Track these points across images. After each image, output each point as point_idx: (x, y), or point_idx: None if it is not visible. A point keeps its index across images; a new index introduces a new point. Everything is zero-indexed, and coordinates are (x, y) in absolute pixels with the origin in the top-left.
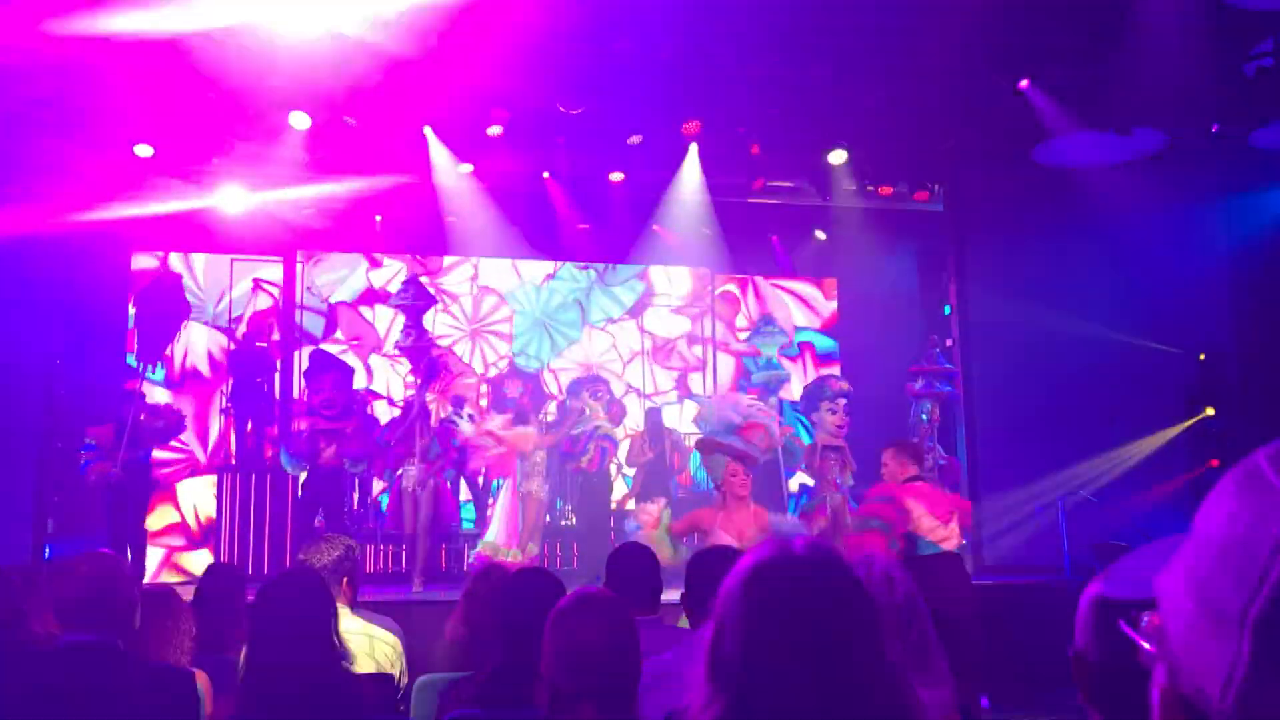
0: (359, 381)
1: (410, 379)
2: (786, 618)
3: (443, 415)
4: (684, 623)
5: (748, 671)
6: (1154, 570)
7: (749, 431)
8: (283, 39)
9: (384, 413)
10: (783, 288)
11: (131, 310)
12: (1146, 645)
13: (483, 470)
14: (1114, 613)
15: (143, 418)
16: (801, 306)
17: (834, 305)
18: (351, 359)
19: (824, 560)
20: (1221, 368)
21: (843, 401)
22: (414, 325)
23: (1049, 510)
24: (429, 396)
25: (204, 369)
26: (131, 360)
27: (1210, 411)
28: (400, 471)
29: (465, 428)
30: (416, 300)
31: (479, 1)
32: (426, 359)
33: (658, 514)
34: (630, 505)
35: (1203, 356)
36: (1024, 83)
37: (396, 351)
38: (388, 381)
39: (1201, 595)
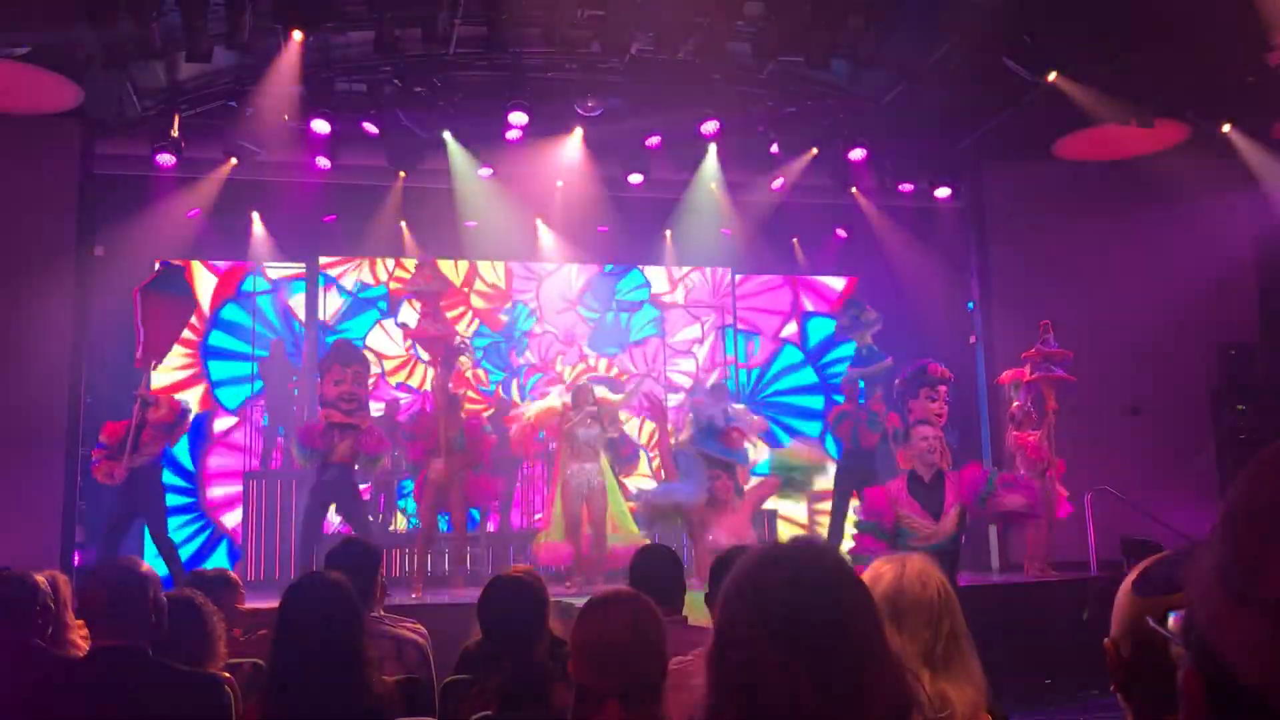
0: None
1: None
2: (782, 614)
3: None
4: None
5: (750, 673)
6: (1180, 566)
7: (731, 436)
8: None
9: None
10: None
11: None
12: (1174, 638)
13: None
14: (1144, 609)
15: (147, 418)
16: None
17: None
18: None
19: (815, 554)
20: (1248, 359)
21: (944, 388)
22: (431, 312)
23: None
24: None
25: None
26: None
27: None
28: (426, 466)
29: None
30: (433, 285)
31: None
32: (446, 346)
33: None
34: None
35: (1233, 352)
36: (1052, 75)
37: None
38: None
39: (1225, 578)
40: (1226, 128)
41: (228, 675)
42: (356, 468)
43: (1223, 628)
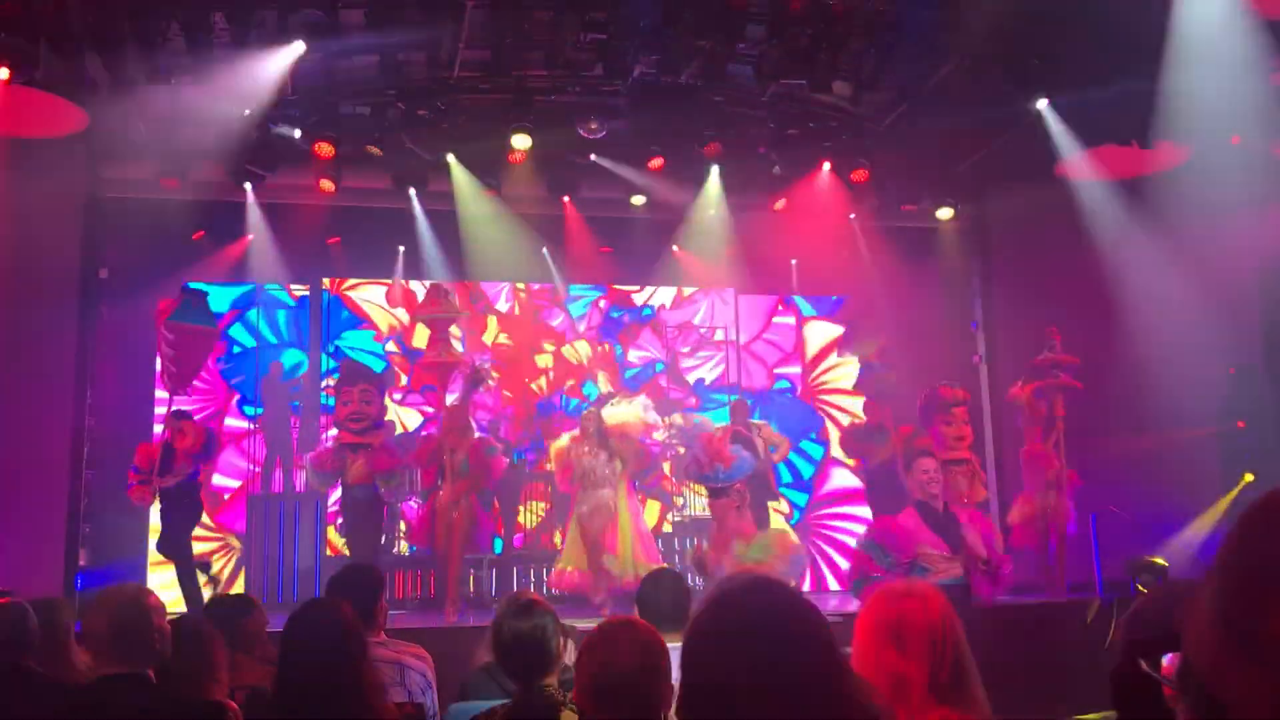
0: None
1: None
2: (742, 646)
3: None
4: None
5: (718, 702)
6: (1174, 608)
7: (710, 455)
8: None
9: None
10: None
11: (158, 336)
12: (1167, 682)
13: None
14: (1137, 651)
15: (175, 443)
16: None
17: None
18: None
19: (768, 589)
20: (1252, 381)
21: (959, 410)
22: (440, 339)
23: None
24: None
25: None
26: (160, 391)
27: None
28: (434, 490)
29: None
30: (443, 312)
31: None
32: (466, 370)
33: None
34: None
35: (1233, 370)
36: (1043, 102)
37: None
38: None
39: (1226, 622)
40: (1240, 139)
41: (231, 702)
42: (379, 487)
43: (1223, 675)
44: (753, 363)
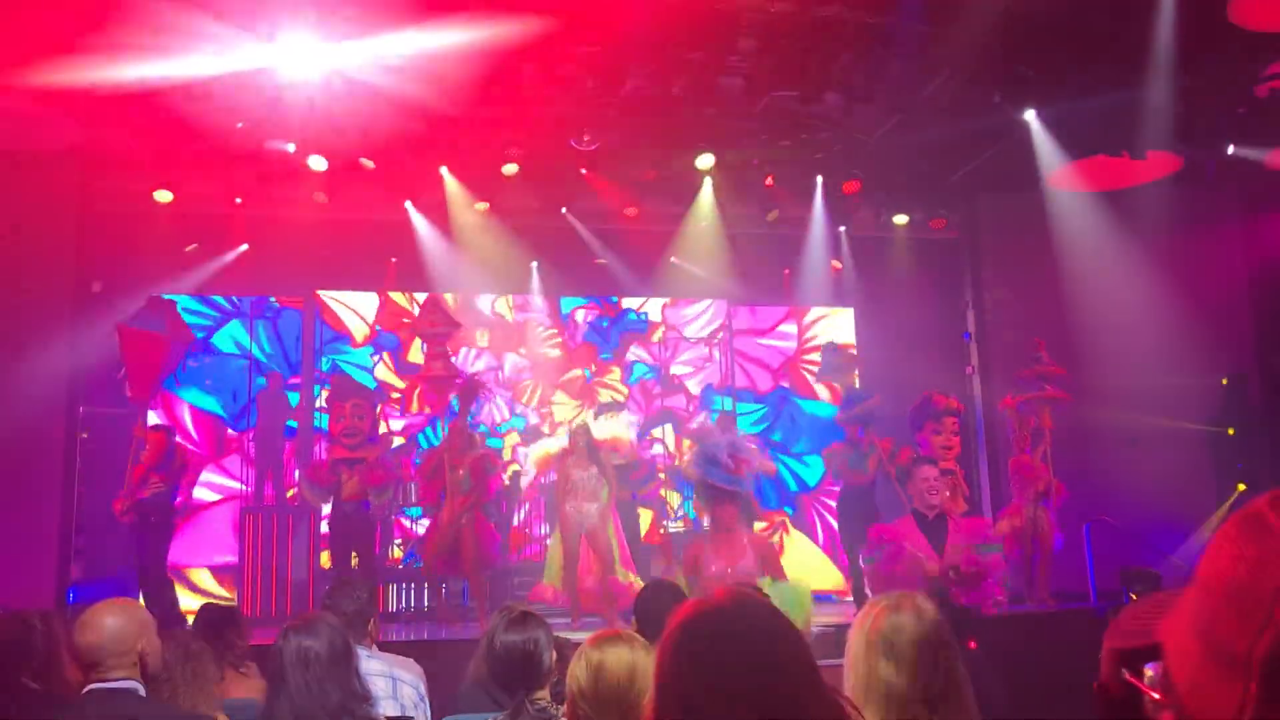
0: None
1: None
2: (713, 661)
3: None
4: None
5: (690, 711)
6: (1157, 618)
7: (734, 465)
8: (296, 83)
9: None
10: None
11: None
12: (1152, 694)
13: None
14: (1120, 661)
15: (140, 458)
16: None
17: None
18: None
19: (743, 604)
20: (1244, 389)
21: (950, 420)
22: (438, 353)
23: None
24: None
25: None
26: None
27: (1230, 432)
28: (437, 507)
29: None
30: (441, 325)
31: (493, 43)
32: (465, 382)
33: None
34: None
35: (1225, 380)
36: (1032, 113)
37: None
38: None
39: (1207, 638)
40: (1229, 149)
41: (223, 717)
42: (370, 501)
43: (1201, 687)
44: (755, 368)
